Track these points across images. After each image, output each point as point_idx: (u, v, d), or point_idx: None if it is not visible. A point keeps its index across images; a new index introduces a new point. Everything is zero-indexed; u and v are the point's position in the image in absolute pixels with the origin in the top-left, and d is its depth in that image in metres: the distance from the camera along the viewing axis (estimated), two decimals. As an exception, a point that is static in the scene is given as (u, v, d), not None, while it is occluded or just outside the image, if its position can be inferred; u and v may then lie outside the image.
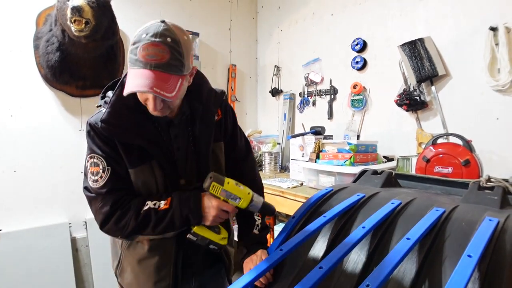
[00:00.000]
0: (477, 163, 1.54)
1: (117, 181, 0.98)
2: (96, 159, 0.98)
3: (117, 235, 1.00)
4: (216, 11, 3.01)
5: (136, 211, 0.95)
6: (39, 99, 2.16)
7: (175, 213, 0.96)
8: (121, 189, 0.98)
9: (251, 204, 0.97)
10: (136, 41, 0.88)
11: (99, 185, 0.97)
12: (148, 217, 0.95)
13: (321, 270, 0.68)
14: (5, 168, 2.06)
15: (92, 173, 0.98)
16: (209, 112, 1.09)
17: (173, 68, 0.87)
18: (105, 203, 0.96)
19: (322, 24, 2.64)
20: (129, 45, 0.91)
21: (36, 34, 2.10)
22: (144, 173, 1.00)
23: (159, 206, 0.96)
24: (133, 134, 0.97)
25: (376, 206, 0.91)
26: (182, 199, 0.97)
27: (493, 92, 1.69)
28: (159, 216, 0.95)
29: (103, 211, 0.96)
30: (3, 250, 1.99)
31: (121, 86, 0.96)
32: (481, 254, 0.62)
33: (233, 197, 0.96)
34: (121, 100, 0.96)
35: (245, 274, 0.76)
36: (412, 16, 2.04)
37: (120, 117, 0.96)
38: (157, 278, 1.05)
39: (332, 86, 2.55)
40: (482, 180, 0.93)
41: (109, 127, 0.95)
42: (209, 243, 1.00)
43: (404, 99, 1.98)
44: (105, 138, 0.97)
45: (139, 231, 0.97)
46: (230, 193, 0.95)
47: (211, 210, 0.96)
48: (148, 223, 0.95)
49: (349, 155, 1.78)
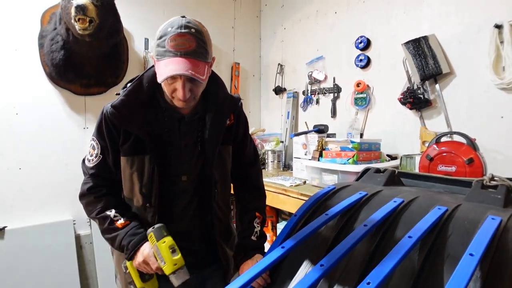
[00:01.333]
0: (481, 162, 1.53)
1: (103, 169, 1.09)
2: (95, 143, 1.09)
3: (85, 211, 1.13)
4: (219, 9, 3.00)
5: (101, 208, 1.08)
6: (44, 97, 2.17)
7: (119, 236, 1.05)
8: (104, 177, 1.10)
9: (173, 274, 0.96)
10: (162, 35, 0.94)
11: (90, 164, 1.10)
12: (104, 220, 1.07)
13: (323, 268, 0.68)
14: (10, 165, 2.08)
15: (89, 152, 1.11)
16: (222, 116, 1.13)
17: (200, 55, 0.94)
18: (87, 182, 1.11)
19: (326, 22, 2.62)
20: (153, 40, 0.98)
21: (41, 32, 2.11)
22: (134, 163, 1.05)
23: (117, 220, 1.07)
24: (135, 125, 1.03)
25: (378, 204, 0.91)
26: (132, 231, 1.05)
27: (497, 90, 1.68)
28: (110, 228, 1.06)
29: (83, 187, 1.11)
30: (8, 247, 2.01)
31: (140, 80, 1.05)
32: (483, 253, 0.62)
33: (160, 257, 0.98)
34: (136, 92, 1.04)
35: (245, 272, 0.77)
36: (416, 14, 2.03)
37: (129, 106, 1.03)
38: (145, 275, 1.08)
39: (335, 84, 2.54)
40: (486, 179, 0.92)
41: (116, 112, 1.02)
42: (130, 283, 1.06)
43: (408, 97, 1.97)
44: (112, 124, 1.04)
45: (96, 221, 1.11)
46: (159, 252, 0.98)
47: (139, 257, 1.02)
48: (102, 224, 1.08)
49: (352, 153, 1.78)
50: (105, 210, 1.07)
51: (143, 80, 1.06)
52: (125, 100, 1.03)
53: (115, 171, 1.10)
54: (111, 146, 1.06)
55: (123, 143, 1.05)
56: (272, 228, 2.40)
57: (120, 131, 1.04)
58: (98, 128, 1.07)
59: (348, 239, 0.76)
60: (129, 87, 1.05)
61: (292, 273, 0.88)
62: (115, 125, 1.04)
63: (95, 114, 2.35)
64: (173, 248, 0.98)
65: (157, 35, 0.96)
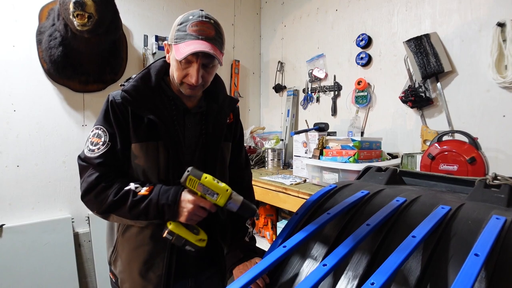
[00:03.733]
0: (483, 161, 1.52)
1: (112, 157, 1.01)
2: (101, 131, 1.02)
3: (93, 208, 1.00)
4: (219, 6, 2.99)
5: (118, 188, 0.98)
6: (42, 94, 2.16)
7: (151, 201, 0.96)
8: (111, 166, 1.01)
9: (229, 201, 0.94)
10: (183, 21, 0.99)
11: (94, 155, 1.00)
12: (126, 197, 0.96)
13: (325, 268, 0.67)
14: (8, 163, 2.07)
15: (92, 142, 1.02)
16: (223, 112, 1.17)
17: (217, 43, 1.01)
18: (92, 173, 0.99)
19: (326, 20, 2.61)
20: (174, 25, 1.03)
21: (39, 28, 2.09)
22: (149, 150, 1.02)
23: (140, 190, 0.98)
24: (148, 110, 1.02)
25: (380, 203, 0.90)
26: (162, 189, 0.98)
27: (499, 89, 1.67)
28: (136, 199, 0.96)
29: (88, 179, 0.98)
30: (6, 245, 2.00)
31: (148, 69, 1.08)
32: (488, 253, 0.61)
33: (210, 192, 0.93)
34: (145, 79, 1.06)
35: (246, 272, 0.75)
36: (417, 12, 2.01)
37: (140, 91, 1.03)
38: (150, 266, 1.04)
39: (336, 82, 2.53)
40: (489, 178, 0.91)
41: (128, 97, 1.01)
42: (185, 243, 0.96)
43: (409, 95, 1.95)
44: (120, 111, 1.02)
45: (114, 209, 0.97)
46: (207, 188, 0.93)
47: (187, 205, 0.94)
48: (125, 203, 0.96)
49: (353, 152, 1.77)
50: (121, 189, 0.98)
51: (151, 69, 1.08)
52: (136, 85, 1.03)
53: (122, 159, 1.04)
54: (119, 134, 1.02)
55: (135, 129, 1.02)
56: (272, 227, 2.39)
57: (128, 119, 1.02)
58: (104, 115, 1.04)
59: (351, 238, 0.74)
60: (138, 75, 1.06)
61: (294, 273, 0.87)
62: (123, 112, 1.02)
63: (93, 111, 2.34)
64: (214, 178, 0.95)
65: (177, 21, 1.01)
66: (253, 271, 0.73)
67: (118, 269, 1.10)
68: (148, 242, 1.04)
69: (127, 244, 1.07)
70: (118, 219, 1.01)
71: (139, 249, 1.05)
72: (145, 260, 1.04)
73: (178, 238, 0.95)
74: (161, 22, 2.62)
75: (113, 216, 1.00)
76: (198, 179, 0.93)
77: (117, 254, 1.10)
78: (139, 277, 1.05)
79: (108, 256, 1.15)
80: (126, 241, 1.07)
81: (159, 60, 1.13)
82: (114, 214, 0.99)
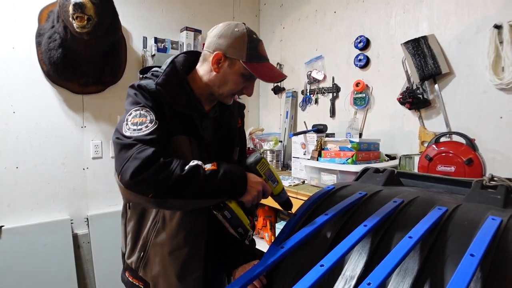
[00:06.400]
0: (480, 162, 1.53)
1: (162, 136, 0.91)
2: (144, 111, 0.93)
3: (149, 190, 0.81)
4: (218, 8, 2.99)
5: (181, 163, 0.85)
6: (42, 96, 2.16)
7: (226, 174, 0.89)
8: (163, 145, 0.90)
9: (282, 191, 0.99)
10: (251, 40, 1.04)
11: (143, 133, 0.87)
12: (196, 171, 0.85)
13: (323, 268, 0.67)
14: (7, 164, 2.07)
15: (135, 123, 0.89)
16: (234, 117, 1.21)
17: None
18: (145, 149, 0.83)
19: (325, 22, 2.62)
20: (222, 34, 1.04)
21: (39, 30, 2.10)
22: (183, 144, 1.01)
23: (205, 166, 0.89)
24: (182, 104, 1.01)
25: (378, 204, 0.90)
26: (230, 168, 0.92)
27: (497, 90, 1.68)
28: (207, 174, 0.87)
29: (141, 155, 0.81)
30: (5, 247, 2.00)
31: (173, 64, 1.05)
32: (483, 253, 0.61)
33: (273, 179, 0.95)
34: (173, 75, 1.03)
35: (245, 272, 0.76)
36: (415, 14, 2.03)
37: (174, 86, 1.02)
38: (187, 269, 1.03)
39: (334, 84, 2.54)
40: (485, 179, 0.92)
41: (164, 90, 0.99)
42: (238, 225, 0.93)
43: (407, 97, 1.96)
44: (154, 99, 0.98)
45: (180, 188, 0.83)
46: (272, 174, 0.96)
47: (257, 186, 0.94)
48: (196, 178, 0.85)
49: (351, 153, 1.78)
50: (186, 163, 0.87)
51: (176, 65, 1.05)
52: (166, 79, 1.01)
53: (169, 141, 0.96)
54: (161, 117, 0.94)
55: (169, 122, 0.97)
56: (270, 228, 2.39)
57: (162, 109, 0.97)
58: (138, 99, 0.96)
59: (348, 239, 0.75)
60: (167, 68, 1.03)
61: (292, 273, 0.87)
62: (156, 101, 0.97)
63: (93, 113, 2.34)
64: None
65: (244, 38, 1.02)
66: (250, 272, 0.74)
67: (151, 274, 1.06)
68: (184, 245, 1.03)
69: (160, 248, 1.04)
70: (175, 204, 0.88)
71: (175, 253, 1.03)
72: (183, 263, 1.03)
73: (235, 218, 0.92)
74: (160, 24, 2.62)
75: (171, 201, 0.85)
76: (268, 164, 0.96)
77: (149, 259, 1.07)
78: (176, 281, 1.03)
79: (134, 261, 1.09)
80: (159, 245, 1.04)
81: (179, 55, 1.09)
82: (176, 198, 0.84)
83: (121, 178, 0.81)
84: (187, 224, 1.03)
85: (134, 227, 1.09)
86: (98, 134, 2.38)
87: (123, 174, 0.81)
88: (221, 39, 1.02)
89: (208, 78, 1.06)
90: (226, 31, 1.03)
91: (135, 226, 1.09)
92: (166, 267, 1.04)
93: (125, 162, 0.82)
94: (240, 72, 1.03)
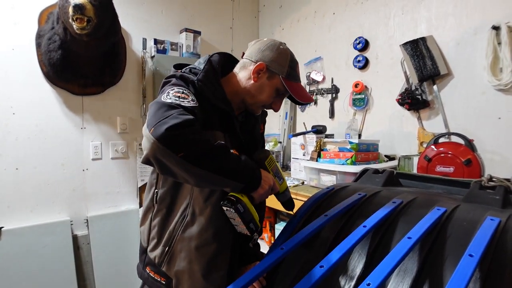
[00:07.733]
0: (478, 163, 1.53)
1: (199, 118, 0.90)
2: (187, 91, 0.94)
3: (181, 148, 0.78)
4: (218, 9, 3.00)
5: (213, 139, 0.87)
6: (41, 97, 2.16)
7: (247, 162, 0.91)
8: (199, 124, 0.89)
9: (286, 190, 1.00)
10: (292, 60, 1.11)
11: (185, 103, 0.88)
12: (225, 149, 0.86)
13: (322, 269, 0.67)
14: (6, 165, 2.07)
15: (177, 96, 0.89)
16: (257, 123, 1.24)
17: None
18: (186, 114, 0.83)
19: (324, 23, 2.63)
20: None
21: (38, 32, 2.10)
22: (219, 139, 1.00)
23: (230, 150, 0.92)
24: (221, 102, 1.02)
25: (377, 205, 0.91)
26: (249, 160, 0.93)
27: (495, 91, 1.69)
28: (234, 156, 0.88)
29: (182, 116, 0.81)
30: (5, 248, 2.00)
31: (210, 63, 1.06)
32: (482, 254, 0.62)
33: (279, 176, 0.96)
34: (211, 73, 1.04)
35: (245, 273, 0.76)
36: (413, 15, 2.03)
37: (213, 83, 1.03)
38: (213, 266, 1.03)
39: (333, 85, 2.54)
40: (484, 180, 0.92)
41: (203, 86, 1.00)
42: (250, 221, 0.92)
43: (406, 98, 1.97)
44: (195, 89, 1.00)
45: (209, 158, 0.82)
46: (279, 171, 0.97)
47: (269, 180, 0.96)
48: (223, 154, 0.85)
49: (350, 154, 1.78)
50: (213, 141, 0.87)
51: (213, 64, 1.07)
52: (206, 76, 1.02)
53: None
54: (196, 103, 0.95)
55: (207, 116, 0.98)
56: (270, 229, 2.40)
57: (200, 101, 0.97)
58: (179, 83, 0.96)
59: (348, 240, 0.75)
60: (206, 66, 1.03)
61: (292, 274, 0.88)
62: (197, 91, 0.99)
63: (92, 114, 2.34)
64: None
65: (286, 57, 1.09)
66: (250, 274, 0.74)
67: (175, 269, 1.04)
68: (212, 241, 1.02)
69: (187, 242, 1.02)
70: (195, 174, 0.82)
71: (202, 249, 1.02)
72: (209, 260, 1.02)
73: (247, 213, 0.91)
74: (159, 25, 2.63)
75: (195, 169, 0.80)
76: (275, 161, 0.97)
77: (174, 254, 1.05)
78: (201, 277, 1.02)
79: (158, 255, 1.07)
80: (187, 240, 1.02)
81: (214, 55, 1.10)
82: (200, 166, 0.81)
83: (155, 130, 0.77)
84: (216, 220, 1.02)
85: (161, 221, 1.07)
86: (97, 135, 2.38)
87: (159, 126, 0.77)
88: (266, 52, 1.07)
89: (244, 85, 1.09)
90: (272, 46, 1.08)
91: (162, 220, 1.07)
92: (191, 263, 1.02)
93: (164, 118, 0.80)
94: (276, 86, 1.08)
